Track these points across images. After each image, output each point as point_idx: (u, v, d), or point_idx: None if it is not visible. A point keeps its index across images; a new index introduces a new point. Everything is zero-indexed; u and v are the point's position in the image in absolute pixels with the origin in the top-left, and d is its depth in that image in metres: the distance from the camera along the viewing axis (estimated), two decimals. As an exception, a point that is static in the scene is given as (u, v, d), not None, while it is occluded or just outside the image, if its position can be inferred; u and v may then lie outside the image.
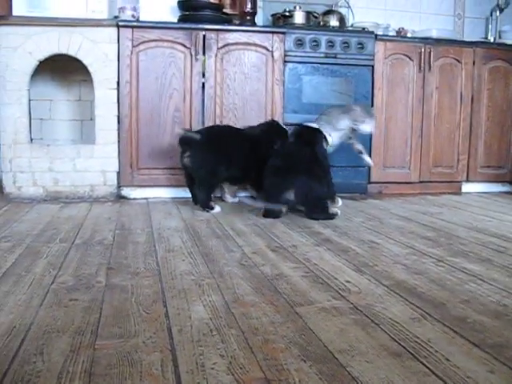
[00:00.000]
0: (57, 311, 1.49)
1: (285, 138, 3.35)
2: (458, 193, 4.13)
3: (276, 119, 3.59)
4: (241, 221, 2.85)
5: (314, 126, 3.21)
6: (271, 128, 3.43)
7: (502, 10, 4.88)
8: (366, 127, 3.30)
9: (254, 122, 3.54)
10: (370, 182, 3.95)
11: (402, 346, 1.30)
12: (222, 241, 2.38)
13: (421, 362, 1.21)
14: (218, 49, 3.60)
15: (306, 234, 2.55)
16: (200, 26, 3.56)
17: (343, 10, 4.38)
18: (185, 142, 3.14)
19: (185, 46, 3.55)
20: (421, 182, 4.07)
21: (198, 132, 3.20)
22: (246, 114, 3.66)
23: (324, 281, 1.81)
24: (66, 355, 1.22)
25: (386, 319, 1.47)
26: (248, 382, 1.11)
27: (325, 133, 3.18)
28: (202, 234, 2.53)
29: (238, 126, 3.49)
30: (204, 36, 3.56)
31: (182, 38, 3.54)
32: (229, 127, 3.45)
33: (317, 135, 3.16)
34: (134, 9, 3.66)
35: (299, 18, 3.95)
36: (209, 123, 3.58)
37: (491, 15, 4.91)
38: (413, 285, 1.79)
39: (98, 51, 3.44)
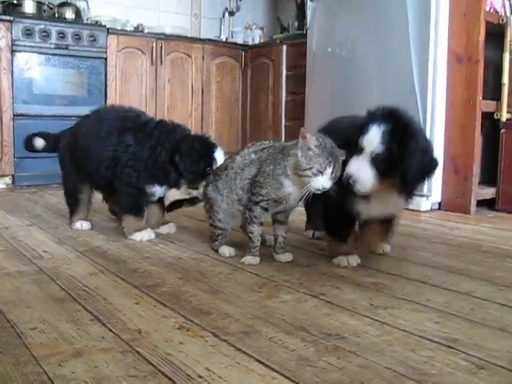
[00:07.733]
0: None
1: None
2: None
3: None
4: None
5: None
6: None
7: (232, 14, 5.42)
8: None
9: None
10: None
11: (68, 294, 1.47)
12: None
13: (79, 303, 1.40)
14: None
15: (24, 217, 2.60)
16: None
17: (82, 4, 4.45)
18: None
19: None
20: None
21: None
22: (-28, 104, 3.55)
23: (21, 252, 1.91)
24: None
25: (65, 276, 1.64)
26: None
27: None
28: None
29: None
30: None
31: None
32: None
33: None
34: None
35: (29, 7, 3.94)
36: None
37: (223, 17, 5.41)
38: (107, 249, 1.98)
39: None
